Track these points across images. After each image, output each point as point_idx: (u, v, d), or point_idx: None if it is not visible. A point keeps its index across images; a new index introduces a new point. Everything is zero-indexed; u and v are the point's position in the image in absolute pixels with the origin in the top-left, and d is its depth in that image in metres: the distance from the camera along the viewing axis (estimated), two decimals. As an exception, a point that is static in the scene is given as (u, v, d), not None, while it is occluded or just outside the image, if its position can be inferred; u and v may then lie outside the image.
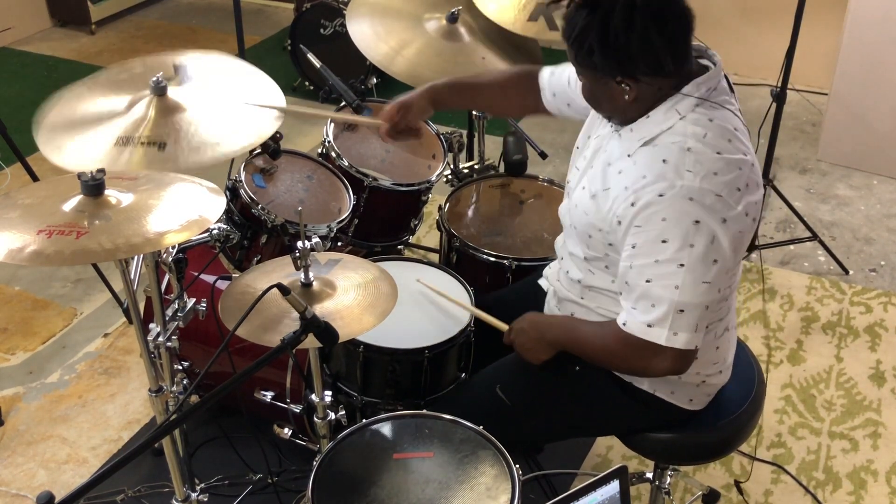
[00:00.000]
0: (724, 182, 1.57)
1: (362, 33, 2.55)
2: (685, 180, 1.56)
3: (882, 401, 2.79)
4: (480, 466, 1.67)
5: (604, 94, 1.66)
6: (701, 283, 1.60)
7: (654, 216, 1.58)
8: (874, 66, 3.75)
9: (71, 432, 2.65)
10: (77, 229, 1.44)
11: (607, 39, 1.55)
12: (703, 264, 1.58)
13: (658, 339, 1.63)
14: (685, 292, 1.59)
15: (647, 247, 1.60)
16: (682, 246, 1.57)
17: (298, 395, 2.27)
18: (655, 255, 1.60)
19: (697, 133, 1.61)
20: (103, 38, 5.29)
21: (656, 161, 1.60)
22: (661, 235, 1.58)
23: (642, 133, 1.66)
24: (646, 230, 1.60)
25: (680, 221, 1.57)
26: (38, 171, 3.13)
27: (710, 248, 1.57)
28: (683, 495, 2.46)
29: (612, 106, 1.68)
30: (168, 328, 1.82)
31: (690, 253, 1.57)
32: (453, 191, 2.61)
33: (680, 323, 1.62)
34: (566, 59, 1.72)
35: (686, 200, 1.56)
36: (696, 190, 1.56)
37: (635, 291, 1.65)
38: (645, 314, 1.64)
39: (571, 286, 1.87)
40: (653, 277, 1.61)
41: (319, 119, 2.11)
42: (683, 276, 1.59)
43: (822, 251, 3.41)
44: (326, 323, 1.49)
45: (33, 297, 3.21)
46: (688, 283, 1.59)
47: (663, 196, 1.57)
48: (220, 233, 2.19)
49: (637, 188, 1.60)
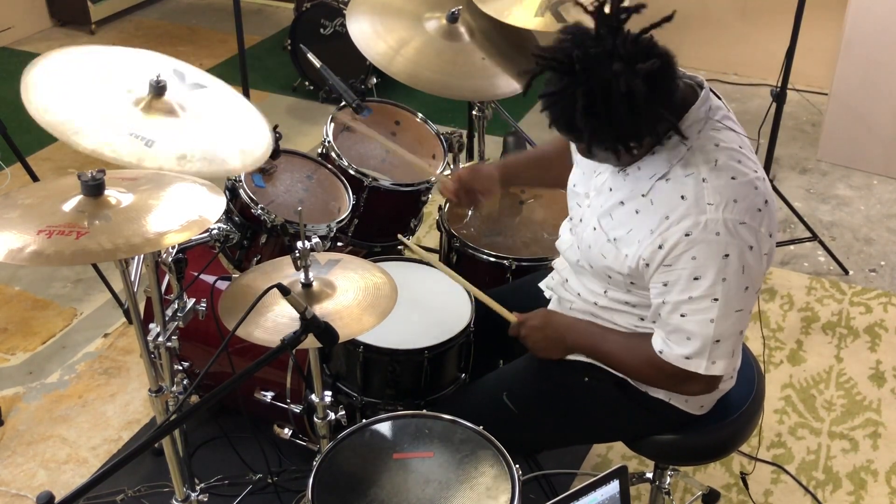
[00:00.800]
0: (744, 208, 1.57)
1: (362, 32, 2.55)
2: (708, 214, 1.56)
3: (882, 401, 2.79)
4: (480, 466, 1.67)
5: (610, 154, 1.61)
6: (734, 313, 1.61)
7: (683, 255, 1.58)
8: (874, 66, 3.75)
9: (71, 432, 2.65)
10: (77, 229, 1.44)
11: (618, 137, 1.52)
12: (736, 294, 1.59)
13: (697, 370, 1.66)
14: (720, 324, 1.61)
15: (680, 284, 1.60)
16: (716, 281, 1.58)
17: (298, 395, 2.27)
18: (689, 293, 1.60)
19: (709, 161, 1.59)
20: (103, 38, 5.28)
21: (675, 199, 1.59)
22: (694, 273, 1.58)
23: (653, 170, 1.64)
24: (676, 269, 1.60)
25: (710, 258, 1.57)
26: (38, 172, 3.13)
27: (741, 277, 1.58)
28: (683, 495, 2.46)
29: (616, 160, 1.65)
30: (168, 328, 1.82)
31: (724, 286, 1.58)
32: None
33: (717, 353, 1.64)
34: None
35: (713, 236, 1.56)
36: (720, 223, 1.55)
37: (669, 325, 1.66)
38: (681, 347, 1.65)
39: (584, 304, 1.86)
40: (687, 313, 1.62)
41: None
42: (718, 309, 1.60)
43: (822, 251, 3.41)
44: (326, 323, 1.49)
45: (33, 297, 3.21)
46: (722, 315, 1.60)
47: (690, 235, 1.57)
48: (220, 233, 2.19)
49: (662, 230, 1.60)
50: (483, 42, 2.66)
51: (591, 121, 1.49)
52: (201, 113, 1.83)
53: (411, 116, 2.72)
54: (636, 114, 1.47)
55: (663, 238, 1.59)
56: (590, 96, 1.46)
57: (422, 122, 2.71)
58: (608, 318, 1.82)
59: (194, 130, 1.78)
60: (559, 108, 1.51)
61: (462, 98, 3.08)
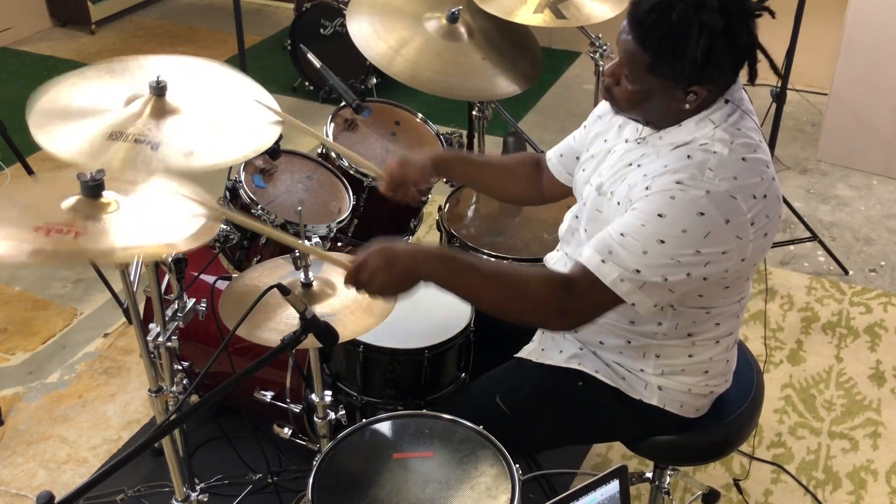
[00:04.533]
0: (741, 186, 1.56)
1: (362, 32, 2.55)
2: (705, 177, 1.56)
3: (882, 401, 2.79)
4: (480, 466, 1.67)
5: (661, 98, 1.60)
6: (669, 259, 1.56)
7: (664, 194, 1.56)
8: (874, 66, 3.75)
9: (71, 432, 2.65)
10: (75, 229, 1.44)
11: (709, 54, 1.51)
12: (684, 248, 1.55)
13: (605, 278, 1.58)
14: (650, 260, 1.56)
15: (643, 213, 1.58)
16: (673, 227, 1.55)
17: (298, 395, 2.27)
18: (644, 221, 1.57)
19: (725, 139, 1.60)
20: (103, 38, 5.29)
21: (681, 157, 1.60)
22: (661, 210, 1.56)
23: (673, 139, 1.64)
24: (651, 201, 1.58)
25: (685, 206, 1.55)
26: (38, 172, 3.13)
27: (701, 241, 1.56)
28: (683, 495, 2.46)
29: (660, 111, 1.64)
30: (168, 328, 1.82)
31: (678, 236, 1.55)
32: (453, 191, 2.62)
33: (630, 275, 1.58)
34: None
35: (702, 192, 1.55)
36: (714, 186, 1.55)
37: (603, 235, 1.61)
38: (599, 253, 1.60)
39: None
40: (629, 233, 1.57)
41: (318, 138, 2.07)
42: (658, 248, 1.56)
43: (822, 251, 3.41)
44: (326, 323, 1.49)
45: (33, 297, 3.21)
46: (657, 255, 1.56)
47: (680, 183, 1.56)
48: (220, 233, 2.19)
49: (656, 175, 1.59)
50: (483, 42, 2.66)
51: (672, 39, 1.51)
52: (204, 105, 1.83)
53: (411, 116, 2.72)
54: (736, 56, 1.53)
55: (654, 181, 1.59)
56: (685, 15, 1.49)
57: (422, 122, 2.71)
58: None
59: (199, 124, 1.77)
60: (656, 15, 1.52)
61: (462, 98, 3.08)
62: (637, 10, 1.55)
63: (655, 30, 1.53)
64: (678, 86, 1.57)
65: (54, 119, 1.70)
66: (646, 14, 1.53)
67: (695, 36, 1.50)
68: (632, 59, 1.57)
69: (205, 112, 1.80)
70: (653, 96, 1.61)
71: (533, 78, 2.66)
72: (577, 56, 4.92)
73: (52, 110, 1.72)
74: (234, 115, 1.85)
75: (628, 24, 1.56)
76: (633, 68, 1.58)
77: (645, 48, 1.54)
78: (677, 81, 1.57)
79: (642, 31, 1.54)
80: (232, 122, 1.82)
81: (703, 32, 1.50)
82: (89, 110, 1.74)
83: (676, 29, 1.51)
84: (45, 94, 1.75)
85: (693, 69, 1.53)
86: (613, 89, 1.65)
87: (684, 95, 1.59)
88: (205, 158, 1.68)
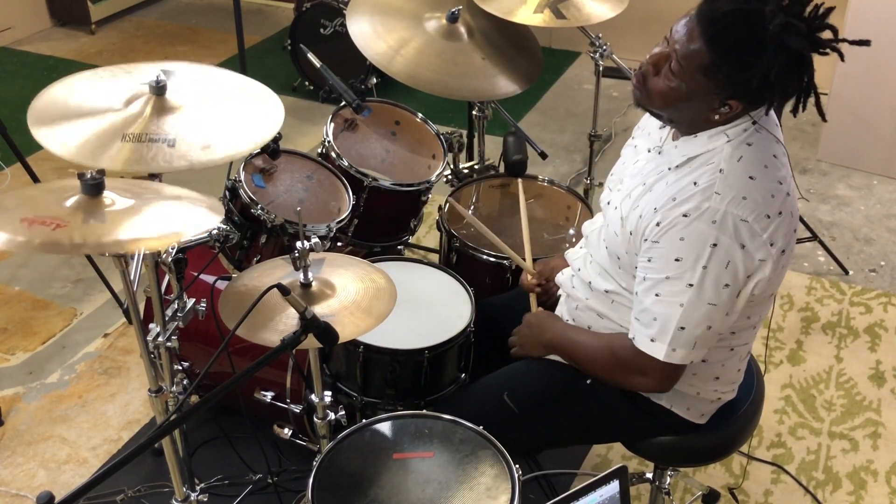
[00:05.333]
0: (752, 207, 1.55)
1: (362, 32, 2.55)
2: (712, 202, 1.55)
3: (882, 401, 2.79)
4: (480, 466, 1.67)
5: (696, 102, 1.58)
6: (706, 305, 1.59)
7: (674, 235, 1.57)
8: (874, 66, 3.75)
9: (71, 432, 2.65)
10: (56, 222, 1.45)
11: (768, 76, 1.49)
12: (712, 287, 1.58)
13: (657, 355, 1.64)
14: (689, 312, 1.60)
15: (661, 263, 1.60)
16: (695, 267, 1.57)
17: (298, 395, 2.27)
18: (667, 272, 1.60)
19: (734, 156, 1.59)
20: (103, 37, 5.29)
21: (688, 184, 1.59)
22: (676, 254, 1.58)
23: (686, 150, 1.64)
24: (662, 247, 1.59)
25: (697, 243, 1.56)
26: (38, 172, 3.13)
27: (723, 272, 1.56)
28: (683, 495, 2.46)
29: (690, 115, 1.63)
30: (168, 328, 1.82)
31: (702, 274, 1.57)
32: (453, 191, 2.62)
33: (680, 340, 1.63)
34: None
35: (708, 223, 1.55)
36: (720, 213, 1.54)
37: (642, 304, 1.65)
38: (647, 328, 1.65)
39: (594, 297, 1.85)
40: (661, 293, 1.61)
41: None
42: (690, 295, 1.59)
43: (822, 251, 3.41)
44: (326, 323, 1.49)
45: (33, 297, 3.21)
46: (692, 303, 1.59)
47: (687, 217, 1.56)
48: (220, 233, 2.19)
49: (665, 209, 1.59)
50: (483, 42, 2.66)
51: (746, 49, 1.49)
52: (207, 100, 1.84)
53: (411, 116, 2.71)
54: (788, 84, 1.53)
55: (663, 216, 1.59)
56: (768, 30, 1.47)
57: (422, 122, 2.71)
58: (615, 317, 1.81)
59: (207, 118, 1.79)
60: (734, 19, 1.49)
61: (462, 98, 3.08)
62: (713, 9, 1.50)
63: (730, 34, 1.50)
64: (720, 95, 1.55)
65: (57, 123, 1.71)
66: (724, 15, 1.49)
67: (770, 53, 1.48)
68: (689, 54, 1.53)
69: (206, 107, 1.82)
70: (690, 98, 1.58)
71: (533, 78, 2.66)
72: (577, 56, 4.92)
73: (54, 114, 1.73)
74: (235, 108, 1.86)
75: (698, 19, 1.52)
76: (686, 63, 1.54)
77: (711, 48, 1.51)
78: (722, 89, 1.54)
79: (715, 30, 1.50)
80: (235, 113, 1.84)
81: (781, 53, 1.48)
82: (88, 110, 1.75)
83: (754, 40, 1.48)
84: (45, 99, 1.76)
85: (756, 84, 1.51)
86: (650, 79, 1.62)
87: (719, 106, 1.57)
88: (222, 150, 1.71)
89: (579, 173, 3.90)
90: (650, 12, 3.94)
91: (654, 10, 3.91)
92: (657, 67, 1.60)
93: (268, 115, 1.85)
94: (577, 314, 1.89)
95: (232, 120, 1.82)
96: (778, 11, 1.48)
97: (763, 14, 1.47)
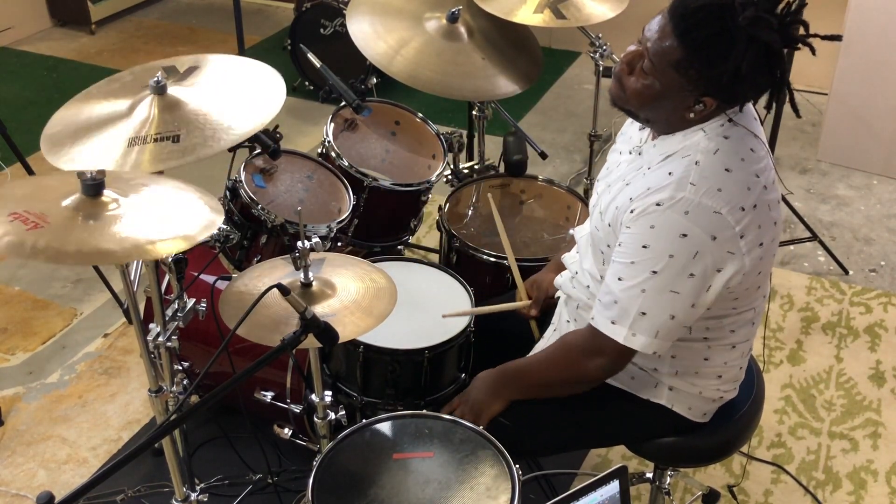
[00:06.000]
0: (726, 200, 1.55)
1: (362, 32, 2.55)
2: (686, 192, 1.55)
3: (882, 401, 2.79)
4: (480, 466, 1.67)
5: (670, 100, 1.59)
6: (669, 292, 1.59)
7: (645, 222, 1.58)
8: (874, 66, 3.75)
9: (71, 432, 2.65)
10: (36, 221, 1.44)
11: (739, 71, 1.50)
12: (676, 275, 1.57)
13: (617, 337, 1.64)
14: (650, 298, 1.59)
15: (629, 248, 1.60)
16: (661, 255, 1.57)
17: (298, 395, 2.27)
18: (633, 257, 1.60)
19: (710, 148, 1.59)
20: (103, 37, 5.28)
21: (664, 174, 1.59)
22: (645, 241, 1.58)
23: (665, 148, 1.65)
24: (633, 232, 1.60)
25: (667, 232, 1.56)
26: (39, 172, 3.13)
27: (689, 262, 1.56)
28: (683, 495, 2.46)
29: (665, 113, 1.63)
30: (168, 328, 1.82)
31: (668, 262, 1.56)
32: (453, 191, 2.62)
33: (641, 325, 1.62)
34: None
35: (681, 213, 1.55)
36: (693, 204, 1.54)
37: (606, 287, 1.65)
38: (608, 309, 1.64)
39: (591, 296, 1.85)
40: (624, 277, 1.61)
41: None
42: (654, 281, 1.58)
43: (822, 251, 3.41)
44: (326, 323, 1.49)
45: (33, 297, 3.21)
46: (655, 290, 1.59)
47: (660, 206, 1.56)
48: (220, 233, 2.19)
49: (640, 198, 1.60)
50: (483, 42, 2.66)
51: (718, 43, 1.49)
52: (209, 89, 1.86)
53: (411, 116, 2.72)
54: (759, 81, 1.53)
55: (636, 205, 1.59)
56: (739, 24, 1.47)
57: (422, 122, 2.71)
58: None
59: (211, 107, 1.81)
60: (705, 14, 1.50)
61: (462, 98, 3.08)
62: (685, 4, 1.52)
63: (702, 28, 1.50)
64: (693, 92, 1.56)
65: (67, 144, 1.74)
66: (695, 10, 1.51)
67: (741, 46, 1.48)
68: (661, 50, 1.55)
69: (207, 95, 1.84)
70: (664, 96, 1.59)
71: (533, 78, 2.67)
72: (577, 56, 4.92)
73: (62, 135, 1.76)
74: (234, 90, 1.90)
75: (669, 14, 1.54)
76: (658, 59, 1.55)
77: (682, 43, 1.52)
78: (695, 86, 1.55)
79: (686, 25, 1.51)
80: (237, 95, 1.89)
81: (751, 46, 1.48)
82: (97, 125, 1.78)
83: (725, 34, 1.49)
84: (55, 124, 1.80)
85: (727, 79, 1.51)
86: (625, 79, 1.63)
87: (694, 103, 1.58)
88: (235, 132, 1.74)
89: (579, 173, 3.90)
90: (650, 12, 3.93)
91: (654, 11, 3.89)
92: (631, 66, 1.61)
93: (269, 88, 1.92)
94: (579, 314, 1.88)
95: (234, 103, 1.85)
96: (749, 5, 1.49)
97: (734, 8, 1.49)
